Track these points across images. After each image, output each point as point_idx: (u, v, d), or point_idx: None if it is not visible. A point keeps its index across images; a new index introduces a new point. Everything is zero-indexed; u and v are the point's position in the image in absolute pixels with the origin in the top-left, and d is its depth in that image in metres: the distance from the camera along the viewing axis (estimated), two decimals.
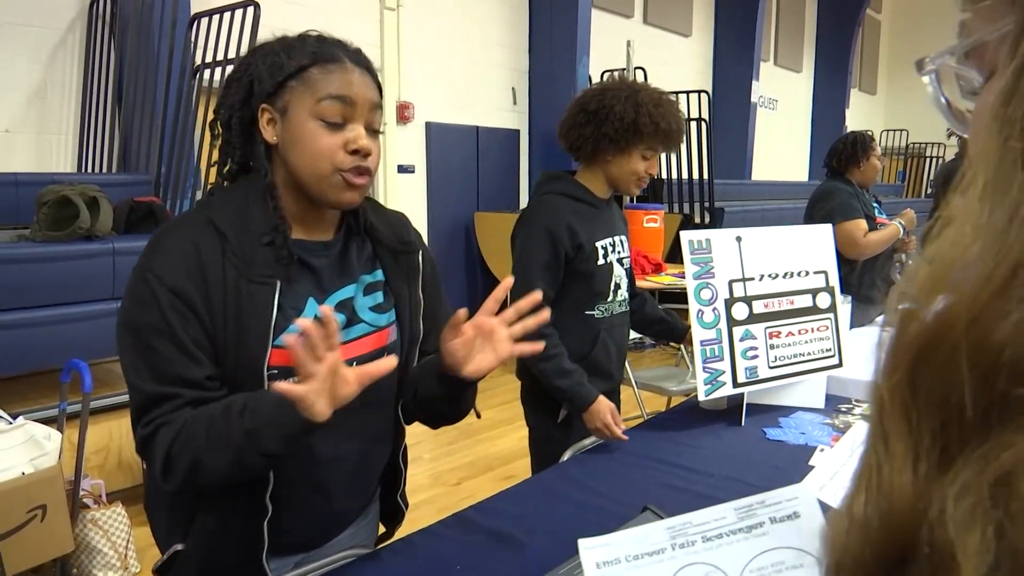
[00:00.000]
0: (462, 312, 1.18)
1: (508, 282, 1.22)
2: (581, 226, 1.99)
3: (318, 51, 1.15)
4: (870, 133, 3.76)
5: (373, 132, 1.18)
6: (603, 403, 1.91)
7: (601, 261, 2.04)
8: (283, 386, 0.98)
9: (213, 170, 1.27)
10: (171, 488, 1.14)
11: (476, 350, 1.20)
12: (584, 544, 0.79)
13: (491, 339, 1.20)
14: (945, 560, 0.26)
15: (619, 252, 2.10)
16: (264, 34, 1.22)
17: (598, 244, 2.03)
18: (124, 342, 1.13)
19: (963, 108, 0.38)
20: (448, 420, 1.36)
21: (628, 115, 1.92)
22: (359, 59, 1.19)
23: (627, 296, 2.15)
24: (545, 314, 1.22)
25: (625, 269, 2.13)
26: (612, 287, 2.08)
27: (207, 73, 4.02)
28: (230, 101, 1.18)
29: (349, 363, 1.21)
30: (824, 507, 0.84)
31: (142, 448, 1.13)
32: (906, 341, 0.30)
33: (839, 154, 3.68)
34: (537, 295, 1.21)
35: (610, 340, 2.09)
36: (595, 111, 1.96)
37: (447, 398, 1.27)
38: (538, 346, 1.26)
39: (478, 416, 1.38)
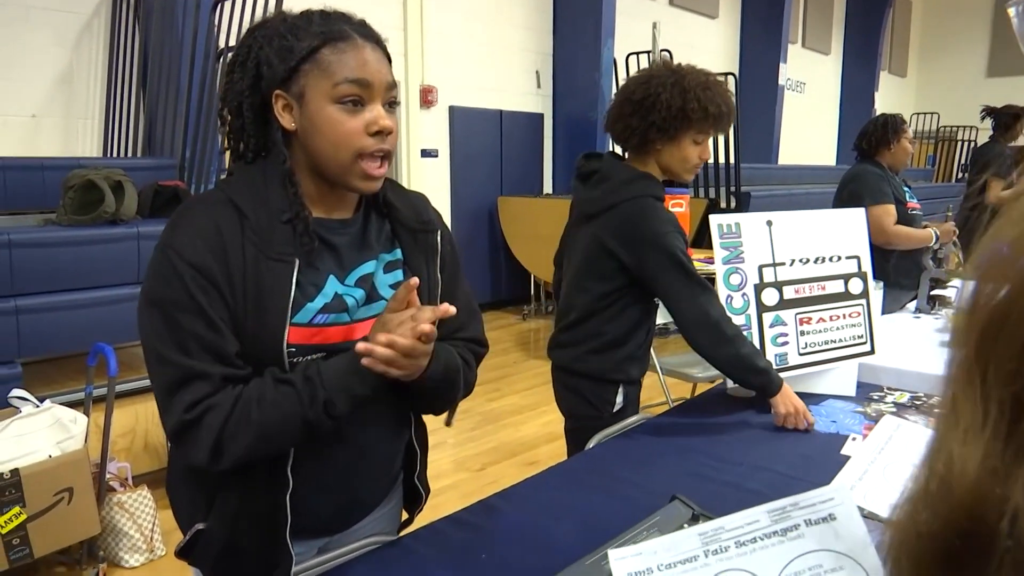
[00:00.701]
0: (414, 281, 1.13)
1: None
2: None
3: (326, 29, 1.12)
4: (901, 116, 3.68)
5: (390, 107, 1.16)
6: (788, 387, 1.84)
7: None
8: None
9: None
10: (218, 469, 1.11)
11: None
12: (614, 555, 0.77)
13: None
14: None
15: None
16: None
17: None
18: (148, 319, 1.11)
19: None
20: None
21: (675, 102, 1.83)
22: (367, 32, 1.16)
23: None
24: (448, 309, 1.13)
25: None
26: None
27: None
28: (237, 87, 1.15)
29: (366, 340, 1.18)
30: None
31: (182, 431, 1.09)
32: (977, 312, 0.28)
33: (870, 136, 3.59)
34: (451, 309, 1.12)
35: (652, 326, 2.07)
36: (641, 100, 1.87)
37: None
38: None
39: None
